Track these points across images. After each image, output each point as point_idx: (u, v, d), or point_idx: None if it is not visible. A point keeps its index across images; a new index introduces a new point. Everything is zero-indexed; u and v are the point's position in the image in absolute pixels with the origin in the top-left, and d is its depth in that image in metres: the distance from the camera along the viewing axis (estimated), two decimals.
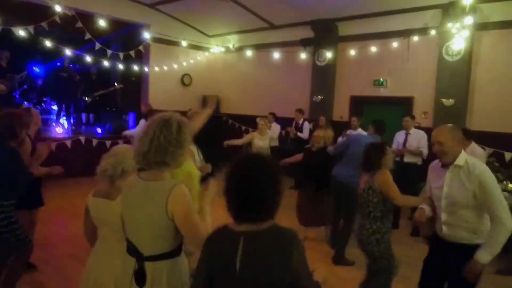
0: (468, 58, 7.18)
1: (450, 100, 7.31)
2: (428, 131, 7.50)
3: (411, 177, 5.90)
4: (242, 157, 1.68)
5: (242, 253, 1.55)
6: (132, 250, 1.98)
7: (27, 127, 3.49)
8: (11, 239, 3.30)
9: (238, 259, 1.55)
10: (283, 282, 1.52)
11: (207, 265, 1.65)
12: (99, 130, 9.56)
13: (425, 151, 6.12)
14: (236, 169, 1.63)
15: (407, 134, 6.42)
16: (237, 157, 1.67)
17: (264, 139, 6.84)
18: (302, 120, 8.78)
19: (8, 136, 3.30)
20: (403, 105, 8.21)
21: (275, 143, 8.35)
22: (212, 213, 2.09)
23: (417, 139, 6.27)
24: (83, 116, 10.34)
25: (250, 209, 1.57)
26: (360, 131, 7.32)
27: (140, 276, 1.91)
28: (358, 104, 8.94)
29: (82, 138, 8.64)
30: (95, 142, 8.73)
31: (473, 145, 5.38)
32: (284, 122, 9.22)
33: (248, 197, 1.56)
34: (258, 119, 6.88)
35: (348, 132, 7.25)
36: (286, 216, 3.17)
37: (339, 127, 7.58)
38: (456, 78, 7.28)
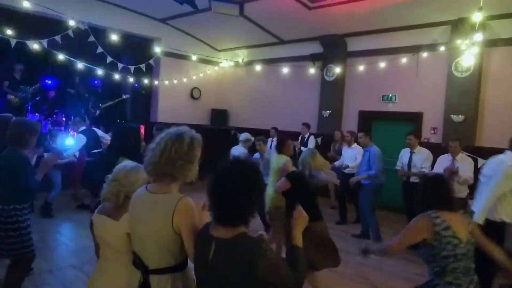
0: (477, 75, 7.15)
1: (460, 116, 7.26)
2: (437, 147, 7.48)
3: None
4: (226, 162, 1.79)
5: (212, 256, 1.69)
6: (137, 262, 1.99)
7: (38, 135, 3.57)
8: (16, 244, 3.34)
9: (210, 260, 1.70)
10: (250, 285, 1.63)
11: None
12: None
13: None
14: (217, 173, 1.75)
15: (411, 153, 6.33)
16: (223, 162, 1.79)
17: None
18: (308, 134, 8.77)
19: (19, 143, 3.40)
20: (412, 120, 8.17)
21: None
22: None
23: (421, 159, 6.14)
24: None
25: (224, 213, 1.70)
26: (354, 146, 7.29)
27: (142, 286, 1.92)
28: (367, 120, 8.92)
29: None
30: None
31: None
32: (292, 137, 9.21)
33: (223, 201, 1.68)
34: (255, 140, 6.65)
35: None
36: None
37: None
38: (466, 94, 7.25)
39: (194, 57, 10.48)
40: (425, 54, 7.75)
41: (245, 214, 1.70)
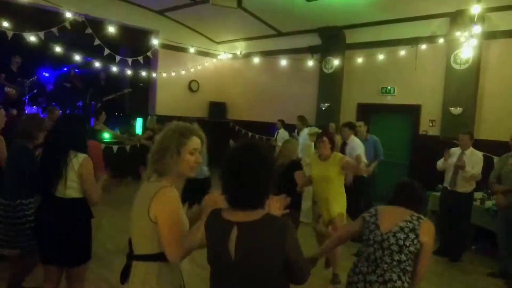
0: (476, 67, 7.14)
1: (458, 108, 7.26)
2: (435, 139, 7.51)
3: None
4: (240, 144, 1.77)
5: (237, 242, 1.64)
6: (129, 247, 2.02)
7: (45, 130, 3.63)
8: (24, 237, 3.43)
9: (233, 247, 1.64)
10: (278, 266, 1.65)
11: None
12: (107, 135, 9.62)
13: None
14: (233, 154, 1.72)
15: (345, 144, 6.51)
16: (237, 144, 1.78)
17: None
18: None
19: (26, 137, 3.48)
20: (410, 113, 8.18)
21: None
22: None
23: (350, 149, 6.21)
24: (92, 121, 10.41)
25: (243, 195, 1.66)
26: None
27: (124, 272, 1.94)
28: (365, 112, 8.90)
29: (89, 143, 8.70)
30: (102, 146, 8.79)
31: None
32: (290, 129, 9.23)
33: (242, 182, 1.65)
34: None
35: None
36: None
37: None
38: (464, 86, 7.24)
39: (192, 49, 10.44)
40: (423, 46, 7.74)
41: (263, 195, 1.70)
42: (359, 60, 8.70)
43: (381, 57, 8.34)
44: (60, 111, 9.18)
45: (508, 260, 4.92)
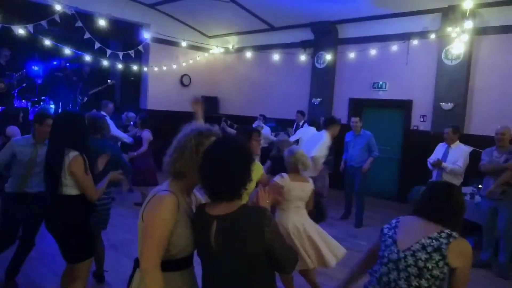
0: (467, 62, 7.18)
1: (449, 104, 7.31)
2: (426, 134, 7.56)
3: None
4: (218, 139, 1.84)
5: (215, 234, 1.70)
6: None
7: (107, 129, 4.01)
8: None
9: (213, 239, 1.70)
10: (258, 255, 1.69)
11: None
12: None
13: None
14: (210, 148, 1.77)
15: None
16: (216, 140, 1.84)
17: None
18: (302, 121, 8.74)
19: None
20: (402, 108, 8.22)
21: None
22: None
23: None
24: None
25: (217, 187, 1.72)
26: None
27: (130, 278, 1.90)
28: (357, 107, 8.93)
29: None
30: None
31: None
32: (283, 124, 9.23)
33: (215, 175, 1.70)
34: None
35: None
36: None
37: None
38: (455, 82, 7.29)
39: (184, 43, 10.36)
40: (415, 42, 7.77)
41: (238, 187, 1.73)
42: (351, 55, 8.70)
43: (373, 52, 8.36)
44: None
45: (489, 250, 5.11)
